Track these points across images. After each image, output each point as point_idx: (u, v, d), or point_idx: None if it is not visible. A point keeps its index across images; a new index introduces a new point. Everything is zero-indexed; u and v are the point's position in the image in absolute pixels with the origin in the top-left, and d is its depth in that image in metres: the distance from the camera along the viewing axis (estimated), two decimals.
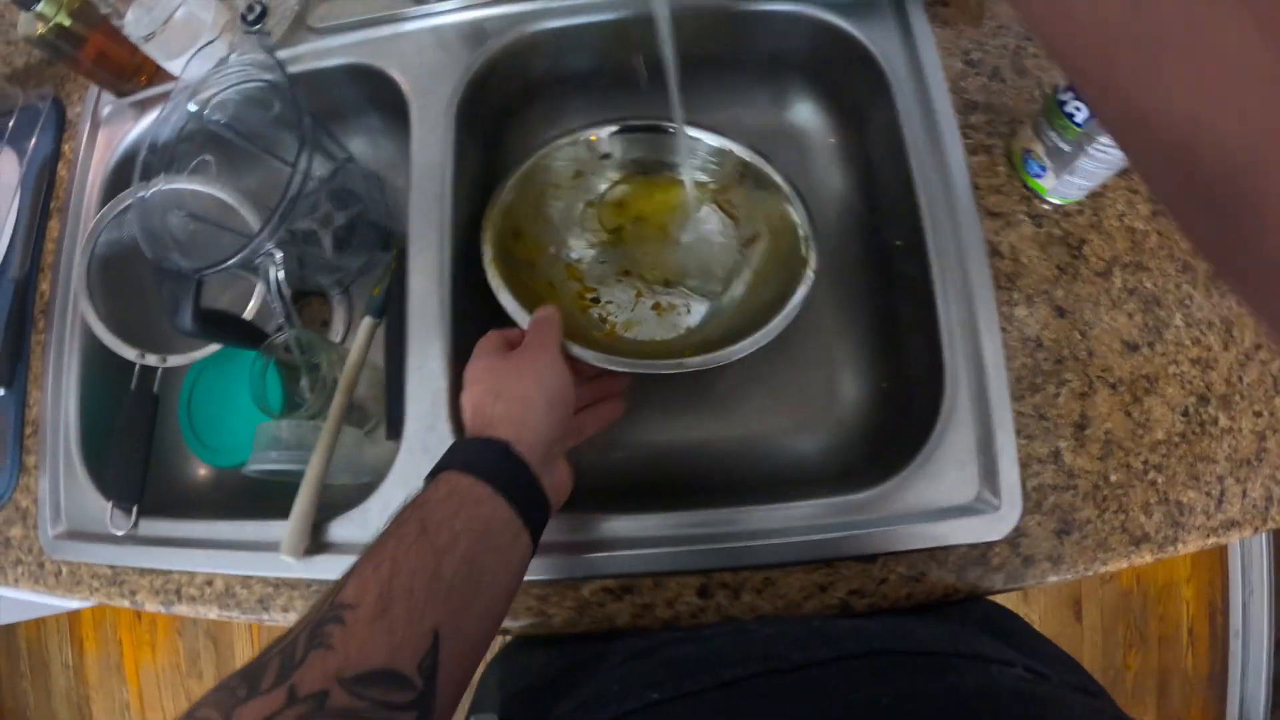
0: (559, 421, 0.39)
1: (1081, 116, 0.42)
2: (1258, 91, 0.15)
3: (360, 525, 0.48)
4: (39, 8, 0.51)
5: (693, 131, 0.53)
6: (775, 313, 0.46)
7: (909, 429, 0.48)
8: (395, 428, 0.53)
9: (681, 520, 0.45)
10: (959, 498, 0.44)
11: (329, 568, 0.47)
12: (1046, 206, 0.48)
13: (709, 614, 0.44)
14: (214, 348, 0.56)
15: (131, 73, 0.57)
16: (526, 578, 0.45)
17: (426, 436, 0.47)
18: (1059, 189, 0.47)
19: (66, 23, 0.52)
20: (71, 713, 1.36)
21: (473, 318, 0.50)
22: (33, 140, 0.57)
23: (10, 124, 0.57)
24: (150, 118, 0.58)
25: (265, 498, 0.57)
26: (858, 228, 0.55)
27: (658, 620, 0.44)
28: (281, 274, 0.50)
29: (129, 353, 0.55)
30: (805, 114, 0.57)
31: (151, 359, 0.55)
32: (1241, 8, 0.15)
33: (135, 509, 0.52)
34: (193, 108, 0.50)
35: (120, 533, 0.51)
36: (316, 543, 0.47)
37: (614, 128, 0.54)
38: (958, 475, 0.44)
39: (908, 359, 0.51)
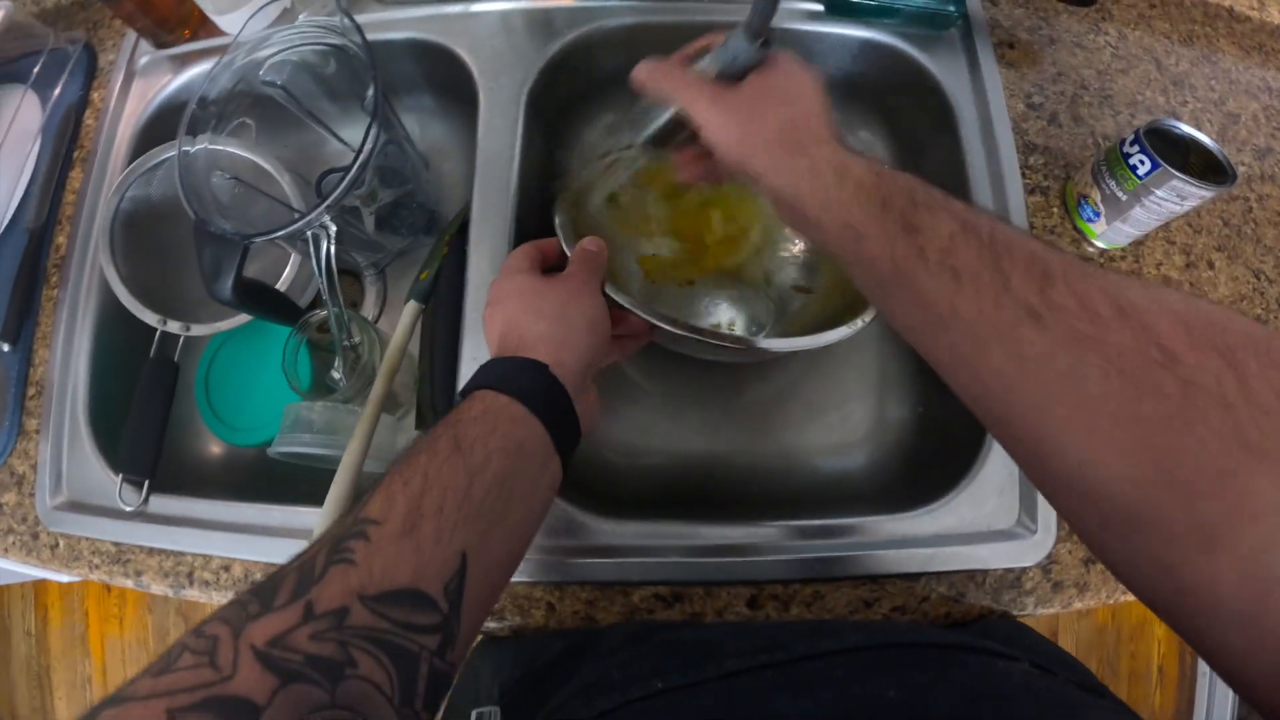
0: (598, 348, 0.37)
1: (1144, 170, 0.44)
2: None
3: None
4: None
5: None
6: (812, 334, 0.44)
7: (948, 453, 0.50)
8: (427, 417, 0.52)
9: (733, 531, 0.45)
10: (1000, 523, 0.46)
11: None
12: (1093, 250, 0.51)
13: None
14: (240, 319, 0.53)
15: (176, 23, 0.54)
16: (572, 580, 0.44)
17: None
18: (1108, 235, 0.49)
19: None
20: (30, 682, 1.27)
21: None
22: (59, 86, 0.53)
23: (36, 67, 0.53)
24: (190, 72, 0.55)
25: (280, 481, 0.54)
26: None
27: None
28: (333, 248, 0.48)
29: (150, 317, 0.52)
30: (864, 140, 0.59)
31: (174, 326, 0.52)
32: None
33: (147, 484, 0.49)
34: (247, 66, 0.48)
35: (130, 508, 0.48)
36: None
37: None
38: (998, 501, 0.46)
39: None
